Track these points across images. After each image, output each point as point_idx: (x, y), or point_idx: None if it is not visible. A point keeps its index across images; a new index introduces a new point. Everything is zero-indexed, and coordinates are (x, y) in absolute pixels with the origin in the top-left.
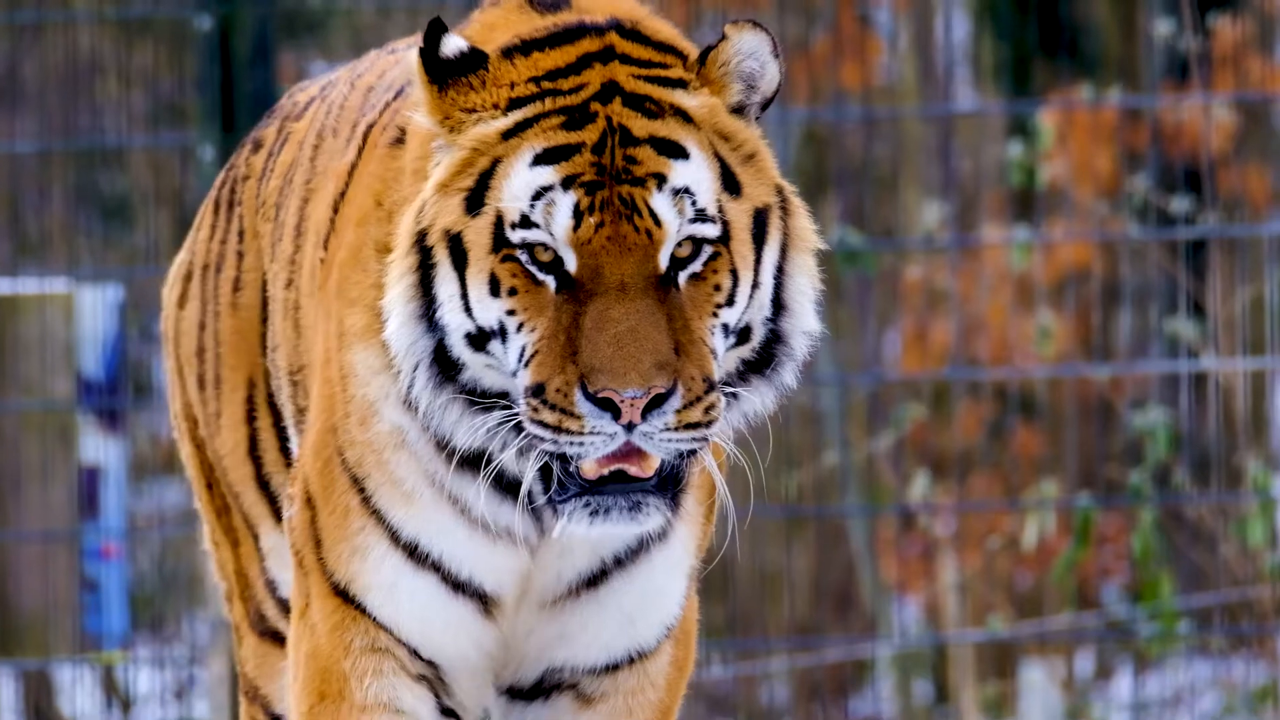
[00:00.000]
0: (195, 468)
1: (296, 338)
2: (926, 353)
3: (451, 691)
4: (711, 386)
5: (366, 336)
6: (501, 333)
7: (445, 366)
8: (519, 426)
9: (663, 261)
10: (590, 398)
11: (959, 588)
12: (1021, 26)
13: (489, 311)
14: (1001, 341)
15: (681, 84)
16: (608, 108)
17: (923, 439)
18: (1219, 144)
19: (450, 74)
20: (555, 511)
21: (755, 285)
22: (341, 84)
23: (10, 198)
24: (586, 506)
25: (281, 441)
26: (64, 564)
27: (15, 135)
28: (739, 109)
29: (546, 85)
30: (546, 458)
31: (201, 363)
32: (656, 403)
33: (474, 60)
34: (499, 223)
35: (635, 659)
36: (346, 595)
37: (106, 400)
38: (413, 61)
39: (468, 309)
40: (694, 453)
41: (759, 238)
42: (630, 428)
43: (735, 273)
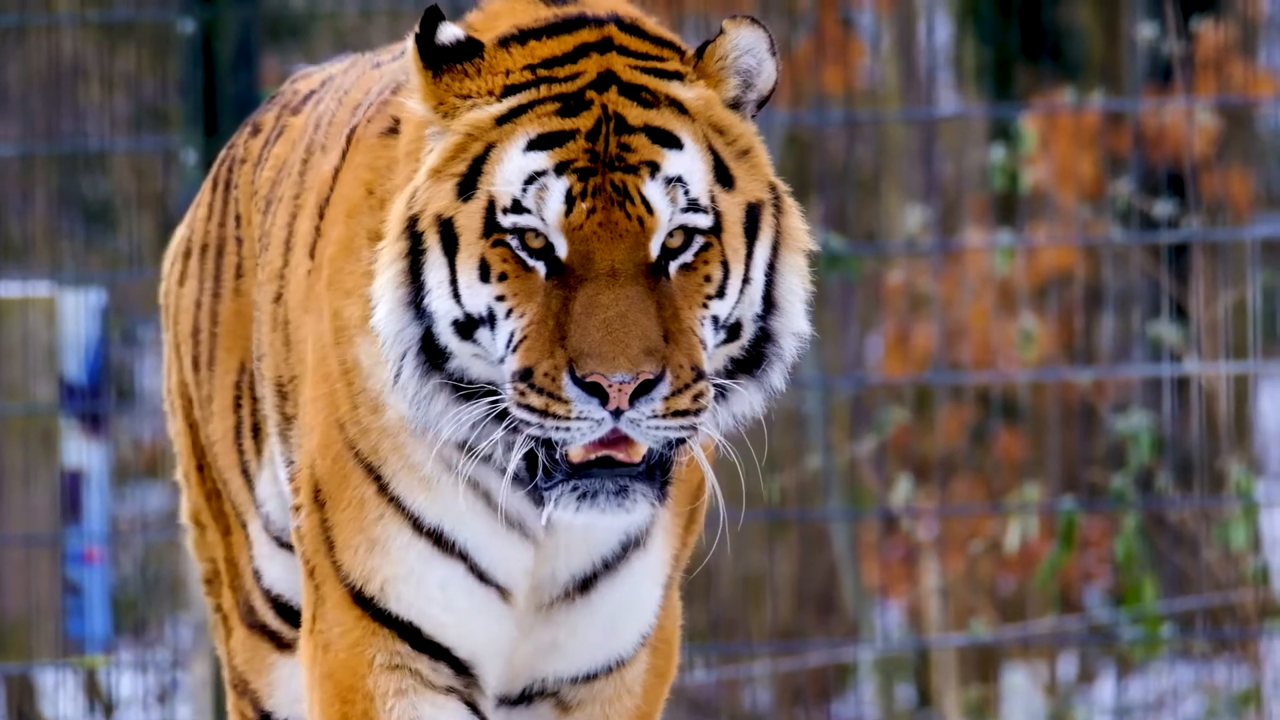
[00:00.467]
0: (185, 445)
1: (286, 352)
2: (909, 356)
3: (486, 692)
4: (700, 375)
5: (366, 326)
6: (490, 319)
7: (432, 355)
8: (504, 416)
9: (654, 249)
10: (578, 382)
11: (941, 591)
12: (1004, 30)
13: (478, 297)
14: (984, 345)
15: (678, 76)
16: (603, 96)
17: (905, 443)
18: (1201, 148)
19: (446, 61)
20: (542, 499)
21: (746, 280)
22: (330, 98)
23: None
24: (574, 490)
25: (254, 431)
26: (46, 568)
27: None
28: (735, 104)
29: (542, 73)
30: (532, 444)
31: (197, 343)
32: (644, 389)
33: (470, 48)
34: (490, 208)
35: (614, 667)
36: (365, 599)
37: (89, 404)
38: (409, 48)
39: (456, 295)
40: (682, 441)
41: (751, 232)
42: (618, 414)
43: (726, 265)
